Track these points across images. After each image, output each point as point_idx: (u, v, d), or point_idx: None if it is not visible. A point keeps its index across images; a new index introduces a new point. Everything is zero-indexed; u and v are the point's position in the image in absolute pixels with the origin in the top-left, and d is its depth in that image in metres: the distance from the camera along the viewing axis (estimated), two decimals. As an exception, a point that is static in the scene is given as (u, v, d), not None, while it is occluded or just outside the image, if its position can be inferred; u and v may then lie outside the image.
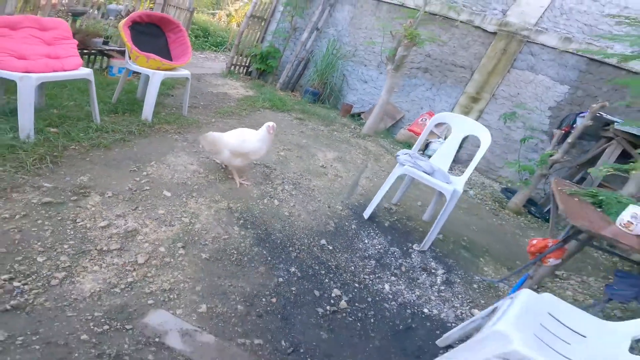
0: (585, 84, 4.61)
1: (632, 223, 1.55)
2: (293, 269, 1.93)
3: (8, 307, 1.27)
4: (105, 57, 3.83)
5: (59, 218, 1.74)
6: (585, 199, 1.86)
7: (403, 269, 2.24)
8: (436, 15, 5.22)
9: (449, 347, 1.71)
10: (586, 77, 4.60)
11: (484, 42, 5.13)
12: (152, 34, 3.05)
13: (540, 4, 4.75)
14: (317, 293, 1.82)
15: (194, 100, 4.02)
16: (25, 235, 1.59)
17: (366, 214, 2.70)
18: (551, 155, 3.79)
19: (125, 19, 2.84)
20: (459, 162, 5.25)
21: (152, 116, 3.03)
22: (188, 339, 1.37)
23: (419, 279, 2.19)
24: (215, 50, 8.11)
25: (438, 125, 5.35)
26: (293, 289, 1.80)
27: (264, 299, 1.67)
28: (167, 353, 1.30)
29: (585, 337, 1.26)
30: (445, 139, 5.37)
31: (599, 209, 1.80)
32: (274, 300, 1.69)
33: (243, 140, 2.39)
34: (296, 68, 5.80)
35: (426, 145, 5.21)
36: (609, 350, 1.18)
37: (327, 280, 1.94)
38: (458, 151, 3.80)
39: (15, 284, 1.37)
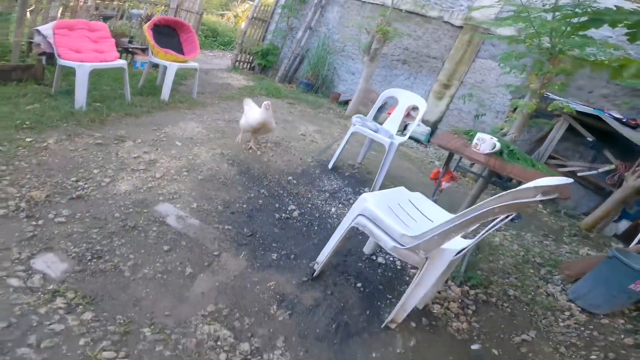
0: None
1: (478, 144, 2.26)
2: (263, 190, 2.72)
3: (74, 196, 2.10)
4: (129, 54, 4.71)
5: (107, 151, 2.60)
6: (463, 136, 2.56)
7: (351, 201, 2.99)
8: (411, 13, 5.93)
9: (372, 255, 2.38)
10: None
11: (452, 35, 5.81)
12: (168, 34, 3.92)
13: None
14: (277, 205, 2.60)
15: (202, 88, 4.89)
16: (85, 159, 2.45)
17: (330, 164, 3.47)
18: (501, 129, 4.44)
19: (148, 23, 3.71)
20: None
21: (169, 97, 3.90)
22: (181, 221, 2.15)
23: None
24: (223, 49, 9.00)
25: (414, 109, 6.06)
26: (260, 201, 2.59)
27: (237, 204, 2.47)
28: (166, 227, 2.07)
29: (432, 221, 1.90)
30: (422, 122, 6.11)
31: (468, 142, 2.48)
32: (244, 206, 2.48)
33: (248, 113, 3.20)
34: (292, 63, 6.61)
35: (405, 126, 5.91)
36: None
37: (287, 200, 2.72)
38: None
39: (79, 183, 2.21)
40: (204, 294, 1.67)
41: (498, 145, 2.23)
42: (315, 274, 1.95)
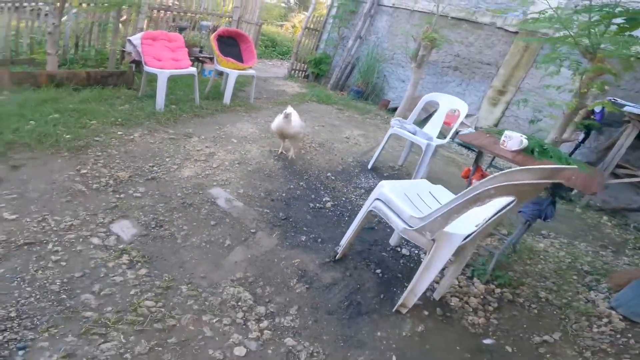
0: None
1: (505, 141, 2.19)
2: (302, 183, 2.92)
3: (149, 177, 2.49)
4: (200, 62, 5.26)
5: (177, 144, 3.02)
6: (495, 135, 2.49)
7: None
8: (461, 19, 5.78)
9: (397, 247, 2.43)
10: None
11: (506, 41, 5.53)
12: (230, 44, 4.36)
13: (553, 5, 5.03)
14: (313, 196, 2.79)
15: (259, 94, 5.29)
16: (160, 150, 2.87)
17: (369, 165, 3.56)
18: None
19: (214, 34, 4.17)
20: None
21: (230, 101, 4.32)
22: (228, 203, 2.44)
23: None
24: (281, 59, 9.52)
25: (468, 116, 5.88)
26: (298, 192, 2.79)
27: (277, 193, 2.69)
28: (215, 207, 2.36)
29: None
30: (475, 129, 5.89)
31: (497, 139, 2.39)
32: (283, 195, 2.70)
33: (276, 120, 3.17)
34: (343, 71, 6.81)
35: (456, 133, 5.73)
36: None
37: (323, 192, 2.89)
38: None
39: (154, 168, 2.61)
40: (236, 263, 1.91)
41: (525, 142, 2.16)
42: (337, 256, 2.08)
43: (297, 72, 7.15)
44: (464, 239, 1.57)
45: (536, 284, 2.38)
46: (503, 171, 1.30)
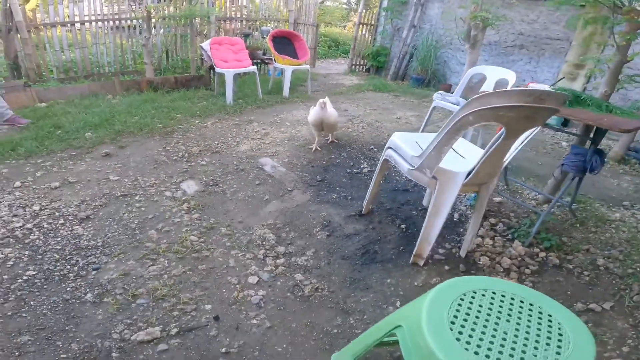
0: None
1: None
2: (344, 154, 3.01)
3: (214, 151, 2.87)
4: (264, 64, 5.69)
5: (239, 128, 3.40)
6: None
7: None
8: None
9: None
10: None
11: (573, 14, 4.73)
12: (285, 43, 4.65)
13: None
14: (351, 164, 2.85)
15: (317, 88, 5.51)
16: (226, 132, 3.27)
17: (413, 140, 3.46)
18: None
19: (268, 35, 4.52)
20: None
21: (288, 94, 4.62)
22: (273, 168, 2.66)
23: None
24: (345, 57, 9.61)
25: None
26: (338, 160, 2.88)
27: (318, 162, 2.83)
28: (262, 172, 2.60)
29: (464, 157, 1.81)
30: None
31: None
32: (324, 162, 2.82)
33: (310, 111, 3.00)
34: (402, 61, 6.62)
35: None
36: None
37: (362, 161, 2.93)
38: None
39: (219, 145, 3.00)
40: (270, 213, 2.10)
41: None
42: (362, 211, 2.12)
43: (356, 66, 7.20)
44: (466, 177, 1.47)
45: (596, 251, 2.02)
46: (476, 96, 1.21)
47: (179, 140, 3.05)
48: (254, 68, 4.23)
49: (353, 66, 7.11)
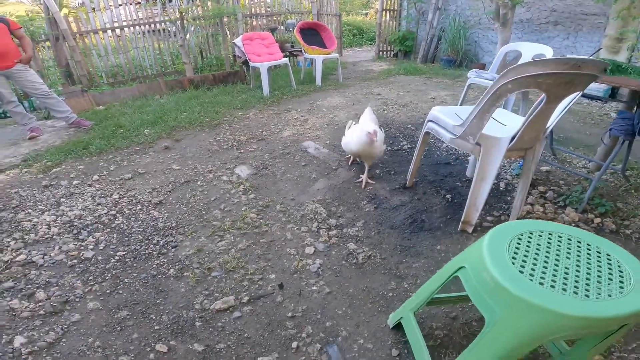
0: None
1: None
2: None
3: (260, 139, 3.05)
4: (293, 56, 5.82)
5: (280, 117, 3.57)
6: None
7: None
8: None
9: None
10: None
11: None
12: (312, 34, 4.74)
13: None
14: (391, 142, 2.91)
15: (348, 75, 5.56)
16: (268, 121, 3.45)
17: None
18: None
19: (295, 28, 4.62)
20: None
21: (321, 82, 4.73)
22: (317, 150, 2.79)
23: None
24: (370, 44, 9.50)
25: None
26: (378, 142, 2.96)
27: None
28: (306, 154, 2.74)
29: (505, 125, 1.85)
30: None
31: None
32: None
33: (353, 132, 2.26)
34: (430, 44, 6.47)
35: None
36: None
37: (401, 139, 2.98)
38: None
39: (263, 133, 3.17)
40: (318, 190, 2.24)
41: None
42: (407, 183, 2.20)
43: (384, 52, 7.14)
44: (510, 141, 1.51)
45: None
46: (513, 66, 1.25)
47: (226, 131, 3.26)
48: (285, 60, 4.38)
49: (380, 52, 7.06)
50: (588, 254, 0.92)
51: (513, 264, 0.86)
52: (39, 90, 3.42)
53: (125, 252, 1.80)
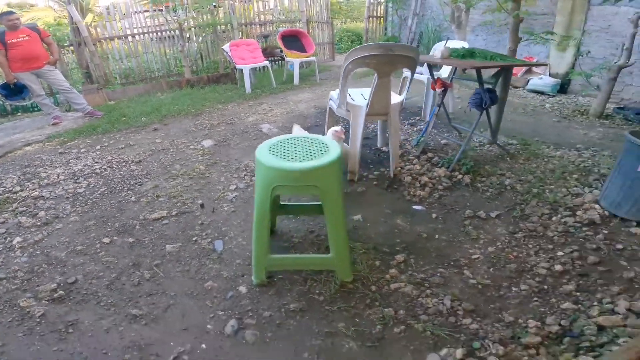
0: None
1: (435, 54, 2.48)
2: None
3: (229, 122, 3.77)
4: (282, 60, 6.54)
5: (252, 109, 4.30)
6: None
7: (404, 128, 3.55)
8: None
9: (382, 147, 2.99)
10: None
11: None
12: (293, 40, 5.49)
13: None
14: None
15: (328, 76, 6.26)
16: (240, 112, 4.18)
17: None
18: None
19: (278, 35, 5.39)
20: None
21: (298, 82, 5.45)
22: (269, 130, 3.45)
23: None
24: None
25: (539, 65, 5.45)
26: (321, 123, 3.61)
27: (307, 123, 3.58)
28: (261, 132, 3.44)
29: (366, 99, 2.46)
30: (549, 75, 5.36)
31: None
32: (309, 125, 3.57)
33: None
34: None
35: (527, 82, 5.37)
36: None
37: (342, 122, 3.62)
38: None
39: (233, 119, 3.90)
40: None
41: (445, 51, 2.43)
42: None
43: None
44: (366, 108, 2.14)
45: (512, 176, 2.37)
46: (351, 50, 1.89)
47: (204, 118, 4.02)
48: (266, 63, 5.14)
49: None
50: (313, 145, 1.47)
51: (269, 151, 1.43)
52: (63, 86, 4.31)
53: (105, 189, 2.54)
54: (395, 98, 2.36)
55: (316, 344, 1.31)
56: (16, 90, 4.20)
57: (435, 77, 2.82)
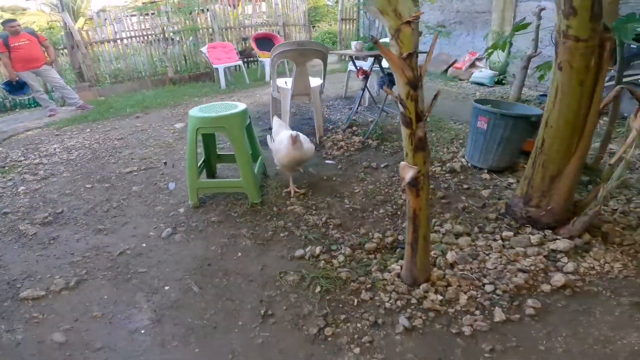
0: None
1: (354, 47, 3.16)
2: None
3: (204, 114, 4.46)
4: (258, 61, 7.27)
5: (221, 100, 4.98)
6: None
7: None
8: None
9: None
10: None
11: None
12: (266, 42, 6.20)
13: None
14: (294, 111, 4.24)
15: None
16: (210, 102, 4.87)
17: (343, 95, 4.73)
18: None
19: (251, 38, 6.10)
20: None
21: (269, 79, 6.14)
22: None
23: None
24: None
25: (479, 59, 6.16)
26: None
27: (267, 113, 4.26)
28: None
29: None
30: (490, 69, 6.06)
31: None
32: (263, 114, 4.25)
33: (277, 147, 2.29)
34: (376, 48, 7.83)
35: (470, 75, 6.07)
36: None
37: (296, 111, 4.30)
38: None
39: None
40: (217, 129, 3.60)
41: (359, 45, 3.14)
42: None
43: (345, 56, 8.51)
44: (291, 92, 2.82)
45: None
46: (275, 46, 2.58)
47: (180, 108, 4.70)
48: (239, 62, 5.85)
49: (342, 56, 8.44)
50: (227, 106, 2.18)
51: (199, 110, 2.13)
52: (58, 83, 4.99)
53: (92, 156, 3.21)
54: (315, 82, 3.04)
55: (223, 241, 1.93)
56: (18, 86, 4.88)
57: (358, 67, 3.52)
